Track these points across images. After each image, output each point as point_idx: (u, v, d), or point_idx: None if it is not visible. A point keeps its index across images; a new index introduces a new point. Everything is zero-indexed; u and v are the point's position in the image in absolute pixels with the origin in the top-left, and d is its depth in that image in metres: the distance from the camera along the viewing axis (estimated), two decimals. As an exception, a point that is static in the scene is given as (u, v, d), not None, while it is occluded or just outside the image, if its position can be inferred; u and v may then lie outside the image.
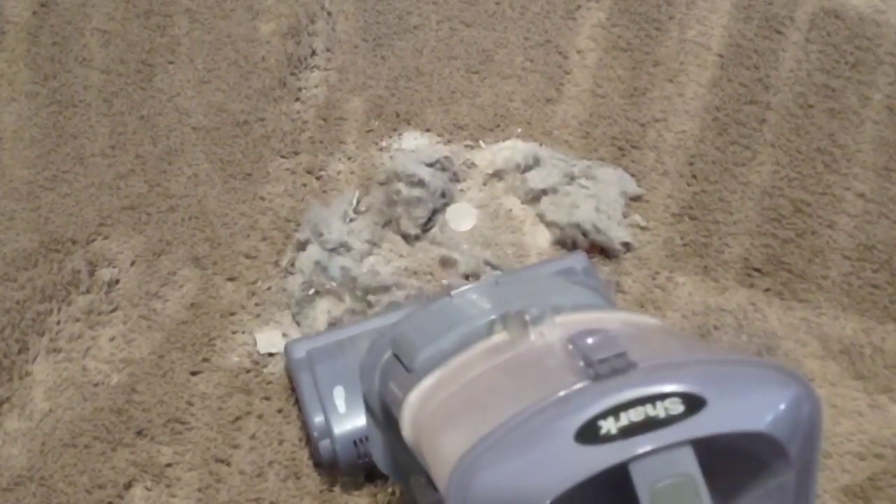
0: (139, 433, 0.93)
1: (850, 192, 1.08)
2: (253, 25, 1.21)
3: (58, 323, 1.00)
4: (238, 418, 0.94)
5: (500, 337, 0.60)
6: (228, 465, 0.92)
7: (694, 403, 0.46)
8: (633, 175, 1.09)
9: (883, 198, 1.08)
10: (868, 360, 0.97)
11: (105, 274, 1.03)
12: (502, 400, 0.51)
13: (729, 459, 0.48)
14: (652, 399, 0.46)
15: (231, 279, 1.02)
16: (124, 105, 1.15)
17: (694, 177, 1.09)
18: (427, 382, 0.60)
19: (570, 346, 0.52)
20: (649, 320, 0.62)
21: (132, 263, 1.04)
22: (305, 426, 0.90)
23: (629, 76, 1.17)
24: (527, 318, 0.57)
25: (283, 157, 1.11)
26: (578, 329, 0.53)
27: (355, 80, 1.17)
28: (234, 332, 0.99)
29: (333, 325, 0.98)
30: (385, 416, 0.70)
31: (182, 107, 1.14)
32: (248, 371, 0.97)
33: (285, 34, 1.19)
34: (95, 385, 0.96)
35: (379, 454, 0.76)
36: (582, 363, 0.50)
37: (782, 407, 0.48)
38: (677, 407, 0.46)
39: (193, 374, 0.97)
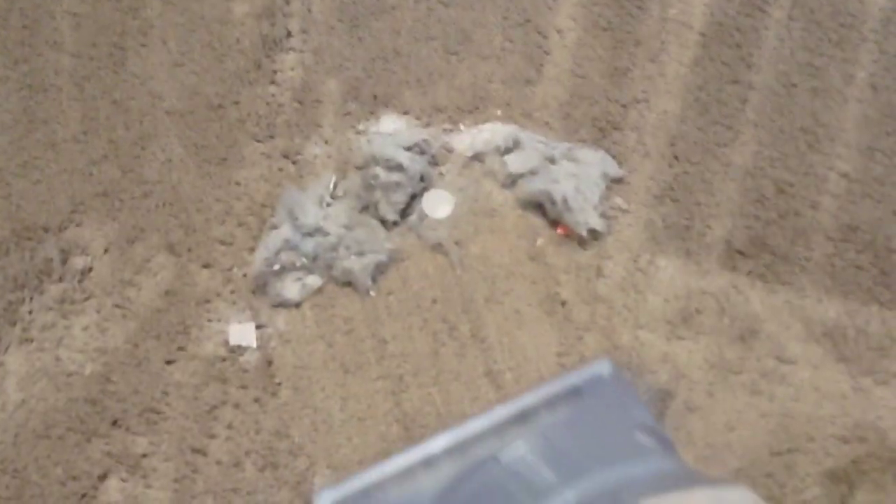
0: (114, 423, 0.92)
1: (834, 172, 1.07)
2: (226, 7, 1.18)
3: (30, 312, 0.98)
4: (214, 407, 0.93)
5: None
6: (205, 455, 0.90)
7: None
8: (613, 157, 1.08)
9: (867, 177, 1.06)
10: (852, 343, 0.96)
11: (78, 262, 1.01)
12: None
13: None
14: None
15: (206, 266, 1.01)
16: (96, 89, 1.12)
17: (675, 157, 1.08)
18: None
19: None
20: (738, 495, 0.59)
21: (105, 251, 1.02)
22: None
23: (610, 56, 1.15)
24: None
25: (258, 141, 1.09)
26: None
27: (331, 62, 1.14)
28: (209, 320, 0.97)
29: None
30: None
31: (155, 90, 1.12)
32: (223, 360, 0.95)
33: (259, 15, 1.17)
34: (69, 375, 0.95)
35: None
36: None
37: None
38: None
39: (168, 363, 0.95)
